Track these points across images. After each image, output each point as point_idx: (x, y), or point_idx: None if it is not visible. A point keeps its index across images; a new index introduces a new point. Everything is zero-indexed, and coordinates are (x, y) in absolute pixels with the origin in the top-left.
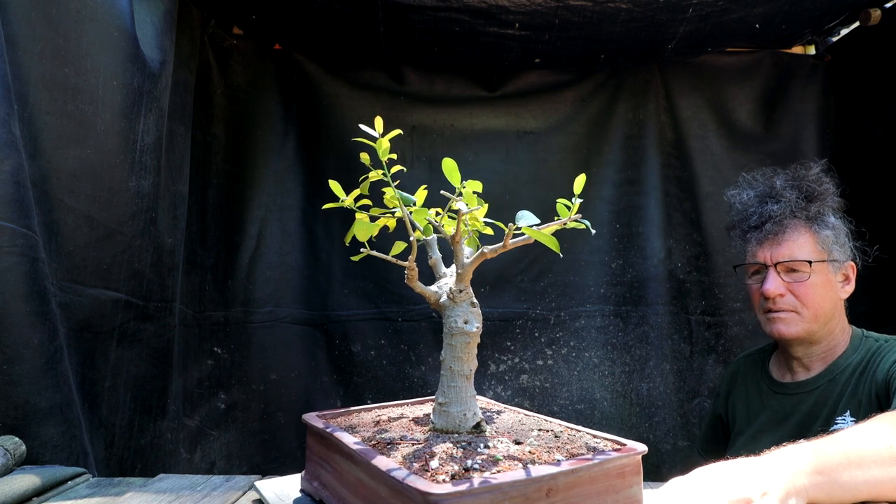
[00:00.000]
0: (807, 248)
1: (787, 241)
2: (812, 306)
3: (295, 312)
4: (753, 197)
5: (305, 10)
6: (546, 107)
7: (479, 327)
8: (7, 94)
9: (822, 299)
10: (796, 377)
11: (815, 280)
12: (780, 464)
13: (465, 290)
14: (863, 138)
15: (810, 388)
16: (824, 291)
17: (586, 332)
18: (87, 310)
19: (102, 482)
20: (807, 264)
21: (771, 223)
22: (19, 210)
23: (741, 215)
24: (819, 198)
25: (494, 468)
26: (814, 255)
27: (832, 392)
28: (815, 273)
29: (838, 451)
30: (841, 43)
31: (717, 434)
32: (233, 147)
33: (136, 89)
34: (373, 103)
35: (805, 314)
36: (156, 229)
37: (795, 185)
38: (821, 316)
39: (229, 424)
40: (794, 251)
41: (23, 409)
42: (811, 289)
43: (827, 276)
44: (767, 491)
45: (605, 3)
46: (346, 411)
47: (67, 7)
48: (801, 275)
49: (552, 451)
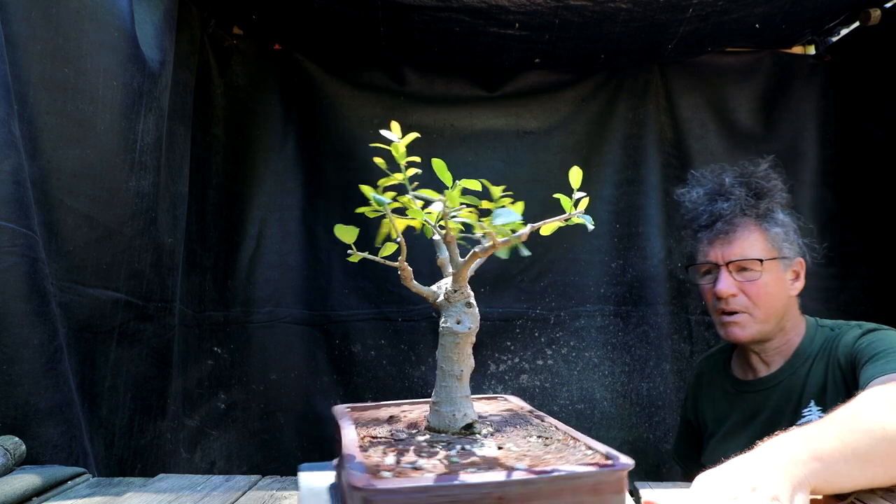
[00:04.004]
0: (757, 247)
1: (738, 239)
2: (764, 306)
3: (295, 312)
4: (703, 195)
5: (305, 10)
6: (546, 107)
7: (472, 328)
8: (7, 94)
9: (774, 298)
10: (758, 374)
11: (767, 279)
12: (775, 458)
13: (459, 290)
14: (863, 138)
15: (774, 384)
16: (776, 290)
17: (586, 332)
18: (87, 310)
19: (102, 482)
20: (758, 263)
21: (721, 221)
22: (19, 210)
23: (691, 214)
24: (768, 194)
25: (443, 468)
26: (765, 254)
27: (795, 385)
28: (767, 272)
29: (831, 436)
30: (841, 43)
31: (690, 439)
32: (233, 147)
33: (135, 89)
34: (373, 103)
35: (757, 314)
36: (156, 229)
37: (744, 181)
38: (772, 315)
39: (229, 424)
40: (745, 250)
41: (23, 409)
42: (763, 288)
43: (778, 274)
44: (777, 495)
45: (605, 3)
46: (374, 405)
47: (67, 7)
48: (753, 273)
49: (530, 458)
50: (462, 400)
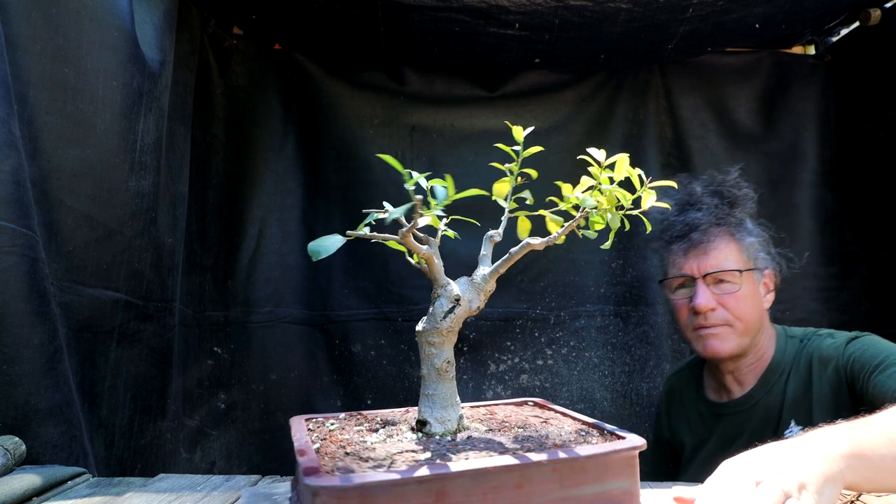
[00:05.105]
0: (733, 258)
1: (714, 250)
2: (744, 318)
3: (295, 312)
4: (673, 206)
5: (305, 10)
6: (546, 107)
7: (426, 327)
8: (7, 94)
9: (752, 310)
10: (732, 395)
11: (745, 291)
12: (812, 447)
13: (439, 288)
14: (863, 138)
15: (750, 404)
16: (753, 302)
17: (586, 332)
18: (87, 310)
19: (102, 482)
20: (736, 274)
21: (697, 232)
22: (19, 210)
23: (661, 226)
24: (740, 203)
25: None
26: (742, 264)
27: (773, 403)
28: (745, 283)
29: (879, 433)
30: (841, 43)
31: (665, 456)
32: (233, 147)
33: (135, 89)
34: (373, 103)
35: (738, 327)
36: (156, 229)
37: (716, 190)
38: (751, 328)
39: (229, 424)
40: (721, 261)
41: (23, 409)
42: (742, 300)
43: (754, 285)
44: (805, 483)
45: (605, 3)
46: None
47: (67, 7)
48: (731, 286)
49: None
50: (434, 400)
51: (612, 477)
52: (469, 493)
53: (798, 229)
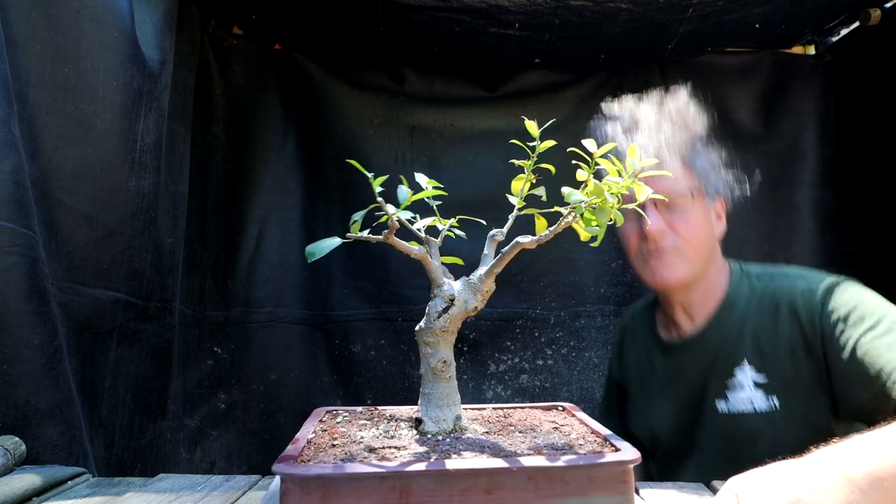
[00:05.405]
0: (684, 181)
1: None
2: (695, 244)
3: (295, 312)
4: (620, 131)
5: (305, 10)
6: (546, 107)
7: (422, 327)
8: (7, 94)
9: (704, 236)
10: (683, 332)
11: (696, 216)
12: (826, 472)
13: (435, 288)
14: (863, 138)
15: (700, 344)
16: (705, 228)
17: (586, 332)
18: (87, 310)
19: (102, 482)
20: (687, 197)
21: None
22: (19, 210)
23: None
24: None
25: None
26: (692, 188)
27: (725, 343)
28: (695, 208)
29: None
30: (841, 43)
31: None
32: (233, 147)
33: (135, 89)
34: (373, 103)
35: (688, 253)
36: (156, 229)
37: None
38: (702, 255)
39: (229, 424)
40: (672, 184)
41: (23, 409)
42: (693, 225)
43: (705, 210)
44: None
45: (605, 3)
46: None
47: (67, 7)
48: (682, 210)
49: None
50: (432, 400)
51: (599, 492)
52: (434, 493)
53: (798, 229)
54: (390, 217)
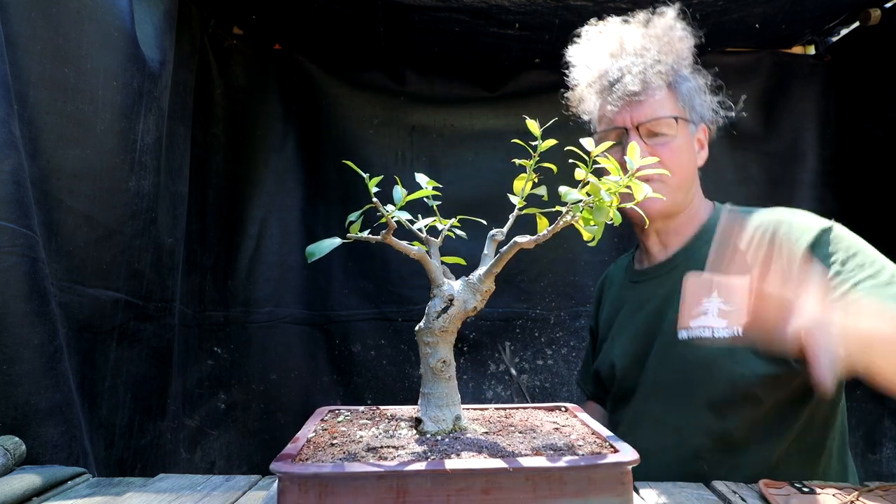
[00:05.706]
0: (668, 106)
1: (649, 99)
2: (679, 171)
3: (295, 312)
4: (603, 53)
5: (305, 11)
6: (546, 107)
7: (421, 327)
8: (7, 94)
9: (688, 163)
10: (654, 259)
11: (680, 142)
12: None
13: (435, 288)
14: (863, 138)
15: (668, 269)
16: (689, 155)
17: (586, 332)
18: (87, 310)
19: (102, 482)
20: (672, 123)
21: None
22: (19, 210)
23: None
24: (675, 48)
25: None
26: (677, 113)
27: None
28: (679, 134)
29: None
30: (841, 43)
31: (593, 349)
32: (233, 147)
33: (135, 89)
34: (373, 103)
35: (671, 182)
36: (156, 229)
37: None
38: (685, 183)
39: (229, 424)
40: (656, 110)
41: (23, 409)
42: (677, 152)
43: (688, 137)
44: None
45: (605, 3)
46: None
47: (67, 7)
48: (666, 136)
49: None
50: (432, 400)
51: (598, 493)
52: (431, 493)
53: None
54: (388, 217)
